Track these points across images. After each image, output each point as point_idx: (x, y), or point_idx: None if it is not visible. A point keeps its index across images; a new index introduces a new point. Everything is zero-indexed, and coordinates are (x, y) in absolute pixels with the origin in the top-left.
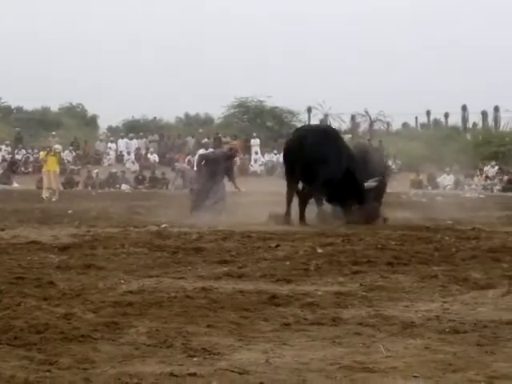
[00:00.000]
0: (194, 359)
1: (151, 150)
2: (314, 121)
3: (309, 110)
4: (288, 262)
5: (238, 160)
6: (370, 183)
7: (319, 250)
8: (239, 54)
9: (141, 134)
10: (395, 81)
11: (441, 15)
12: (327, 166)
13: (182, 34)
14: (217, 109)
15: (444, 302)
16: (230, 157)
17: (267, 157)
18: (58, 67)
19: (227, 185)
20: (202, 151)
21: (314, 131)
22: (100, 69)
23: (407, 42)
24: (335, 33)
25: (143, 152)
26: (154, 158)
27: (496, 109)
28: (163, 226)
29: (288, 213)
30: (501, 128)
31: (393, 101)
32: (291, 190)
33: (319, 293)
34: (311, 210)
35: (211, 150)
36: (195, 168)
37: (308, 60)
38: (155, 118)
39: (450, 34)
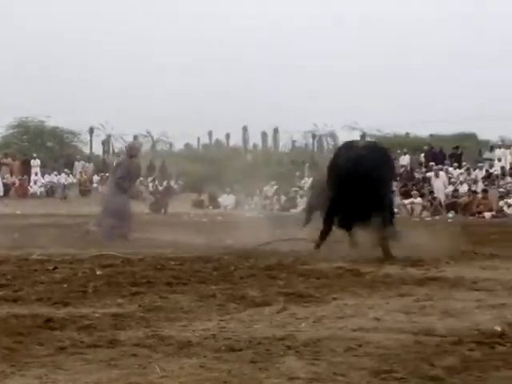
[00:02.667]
0: None
1: None
2: (97, 142)
3: (91, 130)
4: (65, 285)
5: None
6: None
7: (98, 272)
8: None
9: None
10: (175, 100)
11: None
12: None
13: None
14: None
15: (221, 321)
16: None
17: (47, 178)
18: None
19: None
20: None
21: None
22: None
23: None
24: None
25: None
26: None
27: (276, 130)
28: None
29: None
30: (280, 149)
31: (177, 122)
32: (331, 219)
33: (96, 315)
34: None
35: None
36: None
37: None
38: None
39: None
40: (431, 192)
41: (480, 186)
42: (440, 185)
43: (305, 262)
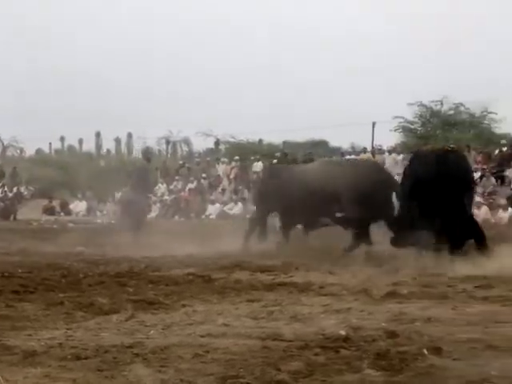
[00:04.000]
0: None
1: None
2: None
3: None
4: None
5: None
6: None
7: None
8: None
9: None
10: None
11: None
12: None
13: None
14: None
15: (68, 329)
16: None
17: None
18: None
19: None
20: None
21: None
22: None
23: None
24: None
25: None
26: None
27: (129, 135)
28: None
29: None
30: (133, 154)
31: (27, 125)
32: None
33: None
34: None
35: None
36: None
37: None
38: None
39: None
40: None
41: None
42: None
43: (156, 268)
